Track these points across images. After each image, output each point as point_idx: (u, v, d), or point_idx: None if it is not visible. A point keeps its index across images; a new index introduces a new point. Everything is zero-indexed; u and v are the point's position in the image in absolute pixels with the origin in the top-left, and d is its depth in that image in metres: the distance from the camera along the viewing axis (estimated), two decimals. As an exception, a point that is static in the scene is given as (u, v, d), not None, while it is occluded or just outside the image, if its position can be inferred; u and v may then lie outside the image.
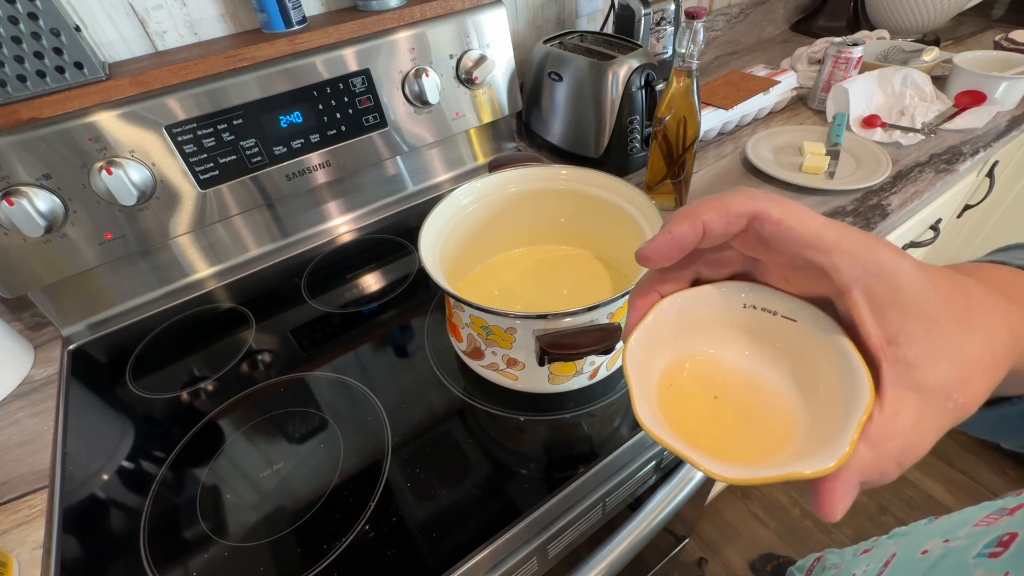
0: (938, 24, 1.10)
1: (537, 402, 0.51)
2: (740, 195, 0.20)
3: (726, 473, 0.18)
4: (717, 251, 0.22)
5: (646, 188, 0.74)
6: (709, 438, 0.21)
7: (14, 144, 0.50)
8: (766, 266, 0.22)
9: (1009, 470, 1.32)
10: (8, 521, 0.46)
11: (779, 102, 0.94)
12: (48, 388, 0.58)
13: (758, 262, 0.22)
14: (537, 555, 0.46)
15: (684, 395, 0.23)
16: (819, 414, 0.20)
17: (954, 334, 0.17)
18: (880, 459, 0.17)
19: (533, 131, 0.88)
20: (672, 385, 0.23)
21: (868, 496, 1.31)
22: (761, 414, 0.22)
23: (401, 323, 0.61)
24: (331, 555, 0.41)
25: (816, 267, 0.19)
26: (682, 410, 0.22)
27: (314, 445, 0.49)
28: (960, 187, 0.94)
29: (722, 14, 1.17)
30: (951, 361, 0.17)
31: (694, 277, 0.24)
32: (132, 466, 0.50)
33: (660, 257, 0.21)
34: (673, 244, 0.20)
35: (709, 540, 1.27)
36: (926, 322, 0.18)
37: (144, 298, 0.67)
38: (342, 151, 0.68)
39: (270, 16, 0.61)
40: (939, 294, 0.18)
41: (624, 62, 0.72)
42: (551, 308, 0.40)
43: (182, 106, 0.56)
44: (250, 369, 0.58)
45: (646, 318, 0.23)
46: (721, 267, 0.23)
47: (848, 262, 0.18)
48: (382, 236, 0.76)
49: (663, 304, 0.23)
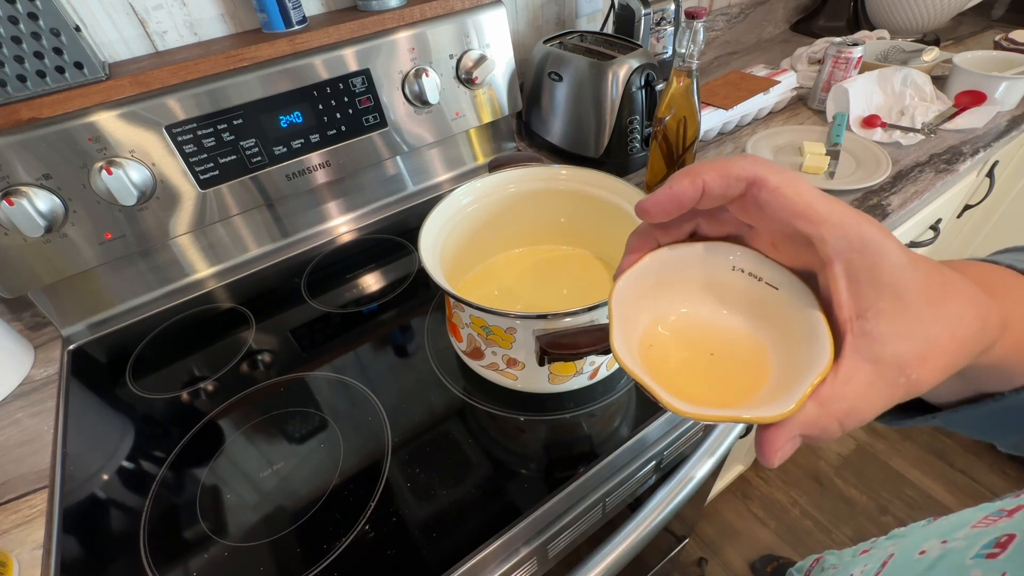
0: (938, 24, 1.10)
1: (537, 402, 0.51)
2: (742, 159, 0.20)
3: (681, 407, 0.19)
4: (715, 210, 0.23)
5: (646, 188, 0.74)
6: (679, 382, 0.22)
7: (14, 144, 0.50)
8: (758, 232, 0.23)
9: (1009, 470, 1.32)
10: (8, 521, 0.46)
11: (779, 102, 0.94)
12: (48, 388, 0.58)
13: (751, 228, 0.23)
14: (537, 555, 0.46)
15: (662, 345, 0.24)
16: (784, 375, 0.21)
17: (922, 314, 0.18)
18: (824, 416, 0.18)
19: (533, 131, 0.88)
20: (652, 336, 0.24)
21: (868, 496, 1.31)
22: (731, 370, 0.23)
23: (401, 323, 0.61)
24: (331, 555, 0.41)
25: (804, 238, 0.20)
26: (659, 358, 0.23)
27: (314, 445, 0.49)
28: (960, 187, 0.94)
29: (722, 14, 1.17)
30: (912, 340, 0.18)
31: (692, 230, 0.24)
32: (132, 466, 0.50)
33: (659, 212, 0.22)
34: (672, 200, 0.21)
35: (709, 540, 1.27)
36: (897, 301, 0.18)
37: (144, 298, 0.67)
38: (342, 151, 0.68)
39: (270, 16, 0.61)
40: (916, 277, 0.19)
41: (624, 62, 0.72)
42: (551, 308, 0.40)
43: (182, 106, 0.56)
44: (250, 369, 0.58)
45: (639, 262, 0.24)
46: (719, 225, 0.24)
47: (835, 235, 0.19)
48: (382, 236, 0.76)
49: (656, 253, 0.24)
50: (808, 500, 1.32)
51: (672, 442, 0.53)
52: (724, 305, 0.24)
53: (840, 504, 1.30)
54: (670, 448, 0.54)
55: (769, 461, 0.19)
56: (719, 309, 0.24)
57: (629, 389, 0.52)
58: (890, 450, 1.39)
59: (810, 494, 1.33)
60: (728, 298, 0.24)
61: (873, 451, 1.39)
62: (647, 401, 0.50)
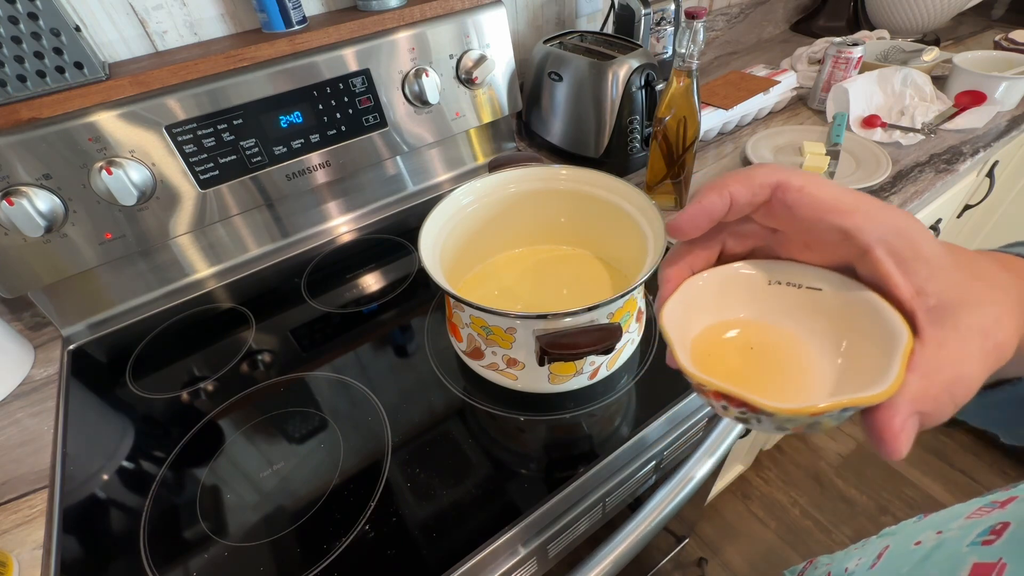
0: (938, 24, 1.10)
1: (537, 402, 0.51)
2: (763, 167, 0.21)
3: (783, 405, 0.18)
4: (740, 224, 0.23)
5: (646, 188, 0.74)
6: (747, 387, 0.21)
7: (14, 144, 0.50)
8: (787, 237, 0.23)
9: (1009, 470, 1.32)
10: (8, 521, 0.46)
11: (779, 102, 0.94)
12: (48, 388, 0.58)
13: (778, 235, 0.23)
14: (537, 555, 0.46)
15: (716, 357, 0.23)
16: (853, 367, 0.21)
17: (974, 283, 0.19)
18: (932, 387, 0.18)
19: (533, 131, 0.88)
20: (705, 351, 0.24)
21: (868, 496, 1.31)
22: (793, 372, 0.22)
23: (401, 323, 0.61)
24: (331, 555, 0.41)
25: (837, 231, 0.20)
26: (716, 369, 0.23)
27: (314, 445, 0.49)
28: (960, 187, 0.94)
29: (722, 14, 1.17)
30: (980, 305, 0.19)
31: (720, 248, 0.24)
32: (132, 466, 0.50)
33: (691, 227, 0.22)
34: (703, 214, 0.21)
35: (709, 540, 1.27)
36: (948, 274, 0.19)
37: (144, 298, 0.67)
38: (342, 151, 0.68)
39: (270, 16, 0.61)
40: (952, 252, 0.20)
41: (624, 62, 0.72)
42: (551, 308, 0.40)
43: (182, 106, 0.56)
44: (250, 369, 0.58)
45: (678, 289, 0.24)
46: (744, 239, 0.24)
47: (869, 223, 0.19)
48: (382, 236, 0.76)
49: (692, 281, 0.24)
50: (808, 500, 1.32)
51: (672, 442, 0.53)
52: (769, 318, 0.24)
53: (840, 504, 1.30)
54: (670, 448, 0.54)
55: (893, 449, 0.17)
56: (765, 321, 0.24)
57: (629, 389, 0.52)
58: (890, 450, 1.39)
59: (810, 494, 1.33)
60: (773, 311, 0.24)
61: (873, 451, 1.39)
62: (647, 401, 0.50)
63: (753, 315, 0.24)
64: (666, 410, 0.49)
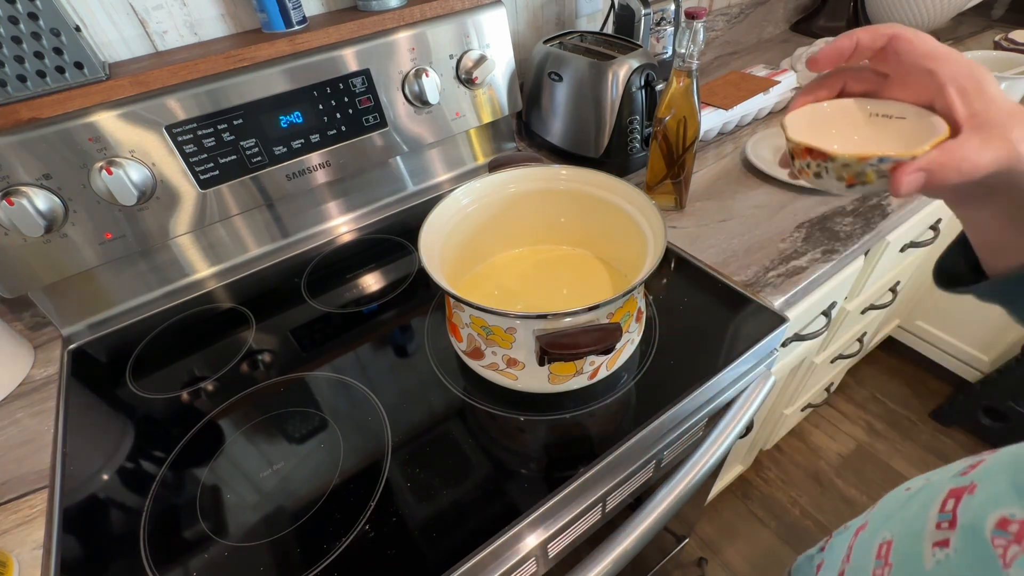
0: (938, 24, 1.10)
1: (537, 402, 0.51)
2: (884, 24, 0.29)
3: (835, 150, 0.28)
4: (859, 70, 0.32)
5: (646, 188, 0.74)
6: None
7: (14, 144, 0.50)
8: (892, 81, 0.31)
9: (1009, 470, 1.32)
10: (8, 521, 0.46)
11: (779, 102, 0.94)
12: (48, 388, 0.58)
13: (885, 79, 0.31)
14: (537, 555, 0.46)
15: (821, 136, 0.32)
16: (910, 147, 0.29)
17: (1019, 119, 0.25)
18: (943, 157, 0.26)
19: (533, 131, 0.88)
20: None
21: (868, 496, 1.31)
22: None
23: (401, 323, 0.61)
24: (331, 555, 0.41)
25: (927, 72, 0.28)
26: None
27: (314, 445, 0.49)
28: (960, 187, 0.94)
29: (722, 14, 1.18)
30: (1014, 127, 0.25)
31: (840, 87, 0.33)
32: (132, 466, 0.50)
33: (826, 61, 0.31)
34: (835, 52, 0.30)
35: (709, 540, 1.27)
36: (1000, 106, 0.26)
37: (144, 298, 0.67)
38: (342, 151, 0.68)
39: (270, 16, 0.61)
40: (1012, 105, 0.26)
41: (624, 62, 0.72)
42: (551, 308, 0.40)
43: (182, 106, 0.56)
44: (250, 369, 0.58)
45: (804, 106, 0.33)
46: (861, 83, 0.33)
47: (951, 68, 0.27)
48: (382, 236, 0.76)
49: (817, 104, 0.33)
50: (808, 500, 1.32)
51: (672, 442, 0.53)
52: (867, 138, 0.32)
53: (840, 504, 1.30)
54: (670, 448, 0.54)
55: (897, 189, 0.26)
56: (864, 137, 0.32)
57: (629, 389, 0.52)
58: (890, 450, 1.39)
59: (810, 494, 1.33)
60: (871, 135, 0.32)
61: (873, 451, 1.39)
62: (647, 401, 0.50)
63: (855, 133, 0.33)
64: (666, 410, 0.49)
